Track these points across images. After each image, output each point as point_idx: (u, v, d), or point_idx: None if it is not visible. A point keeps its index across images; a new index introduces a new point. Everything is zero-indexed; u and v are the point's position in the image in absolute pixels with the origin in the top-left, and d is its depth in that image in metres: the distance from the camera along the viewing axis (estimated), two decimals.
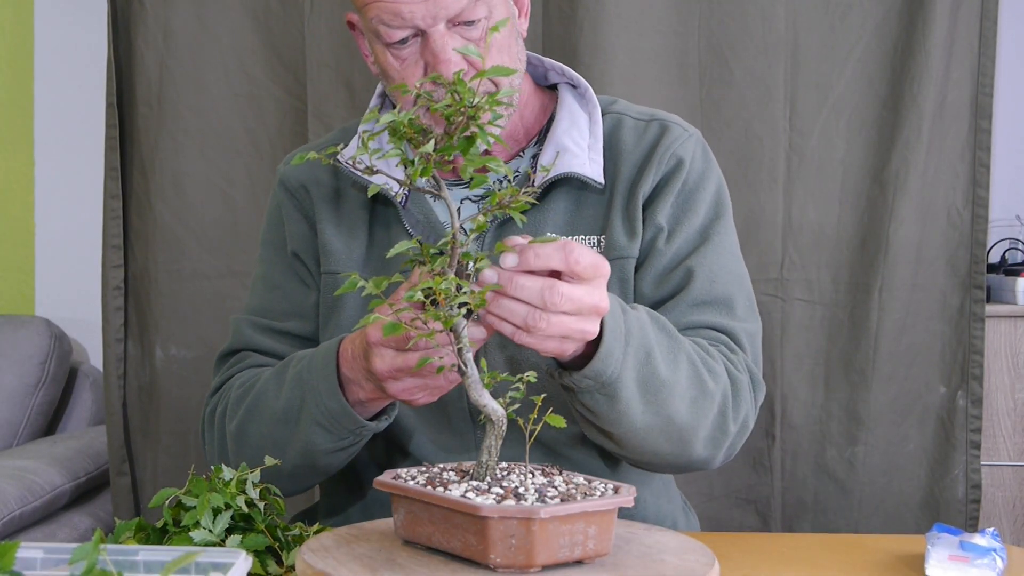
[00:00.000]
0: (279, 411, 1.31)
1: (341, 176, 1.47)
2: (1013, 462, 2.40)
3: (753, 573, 1.16)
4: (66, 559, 0.86)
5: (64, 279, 2.95)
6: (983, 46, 2.26)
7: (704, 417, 1.28)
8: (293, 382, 1.30)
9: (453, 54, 1.30)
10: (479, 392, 1.02)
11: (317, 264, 1.46)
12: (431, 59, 1.31)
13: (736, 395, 1.32)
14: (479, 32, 1.32)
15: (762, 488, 2.31)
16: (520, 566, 0.95)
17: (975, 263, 2.28)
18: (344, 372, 1.25)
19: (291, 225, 1.49)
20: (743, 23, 2.27)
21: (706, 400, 1.28)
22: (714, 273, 1.39)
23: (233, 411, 1.39)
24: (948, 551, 1.13)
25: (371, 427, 1.28)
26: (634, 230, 1.38)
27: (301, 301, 1.47)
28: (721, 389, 1.30)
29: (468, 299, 1.00)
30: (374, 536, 1.07)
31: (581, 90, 1.47)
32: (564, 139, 1.40)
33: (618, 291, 1.37)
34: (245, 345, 1.47)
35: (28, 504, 2.22)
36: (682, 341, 1.27)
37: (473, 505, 0.94)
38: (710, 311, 1.37)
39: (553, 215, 1.39)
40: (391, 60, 1.34)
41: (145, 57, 2.37)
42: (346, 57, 2.32)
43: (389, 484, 1.02)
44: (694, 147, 1.44)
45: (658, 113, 1.47)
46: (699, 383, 1.27)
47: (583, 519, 0.96)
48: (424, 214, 1.42)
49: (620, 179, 1.41)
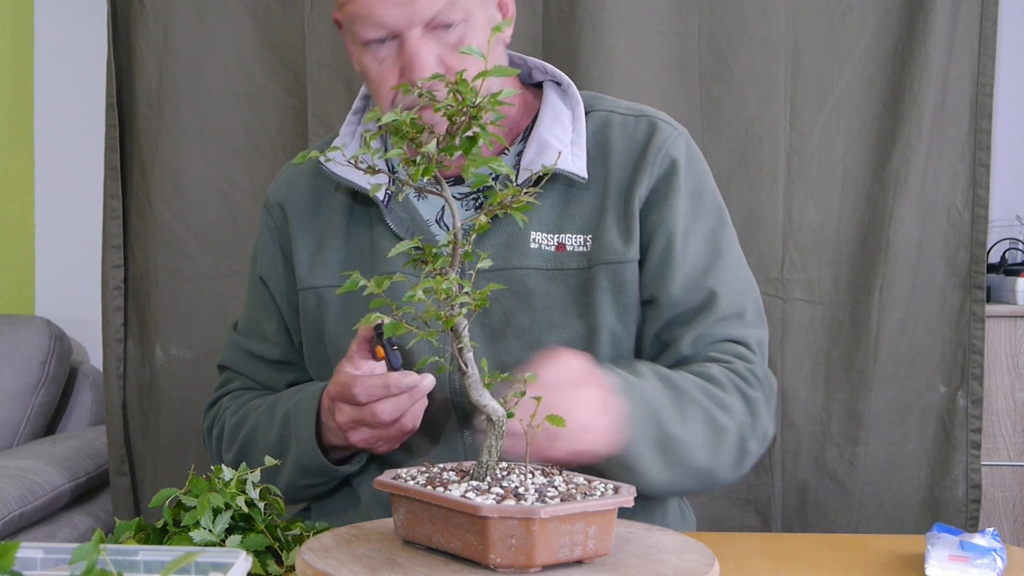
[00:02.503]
0: (271, 446, 1.39)
1: (322, 184, 1.48)
2: (1013, 462, 2.40)
3: (753, 573, 1.16)
4: (66, 559, 0.86)
5: (64, 279, 2.94)
6: (983, 46, 2.26)
7: (724, 453, 1.32)
8: (282, 421, 1.40)
9: (427, 58, 1.31)
10: (479, 392, 1.02)
11: (285, 289, 1.49)
12: (406, 63, 1.32)
13: (754, 416, 1.35)
14: (456, 37, 1.32)
15: (762, 488, 2.31)
16: (520, 566, 0.95)
17: (975, 263, 2.28)
18: (323, 419, 1.35)
19: (263, 250, 1.53)
20: (743, 23, 2.27)
21: (723, 438, 1.31)
22: (731, 288, 1.41)
23: (230, 442, 1.48)
24: (948, 551, 1.13)
25: (343, 471, 1.38)
26: (630, 233, 1.38)
27: (266, 325, 1.54)
28: (736, 420, 1.33)
29: (468, 299, 1.00)
30: (374, 536, 1.07)
31: (564, 87, 1.46)
32: (546, 135, 1.40)
33: (610, 295, 1.37)
34: (231, 365, 1.57)
35: (28, 504, 2.22)
36: (689, 391, 1.30)
37: (473, 505, 0.94)
38: (727, 324, 1.39)
39: (539, 212, 1.39)
40: (369, 60, 1.35)
41: (145, 57, 2.36)
42: (346, 57, 2.31)
43: (389, 484, 1.02)
44: (685, 147, 1.44)
45: (645, 109, 1.47)
46: (713, 426, 1.30)
47: (583, 519, 0.96)
48: (408, 212, 1.42)
49: (611, 179, 1.40)
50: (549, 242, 1.38)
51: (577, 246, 1.38)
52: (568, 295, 1.37)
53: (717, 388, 1.33)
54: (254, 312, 1.55)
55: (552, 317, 1.37)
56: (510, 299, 1.37)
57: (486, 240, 1.38)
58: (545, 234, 1.38)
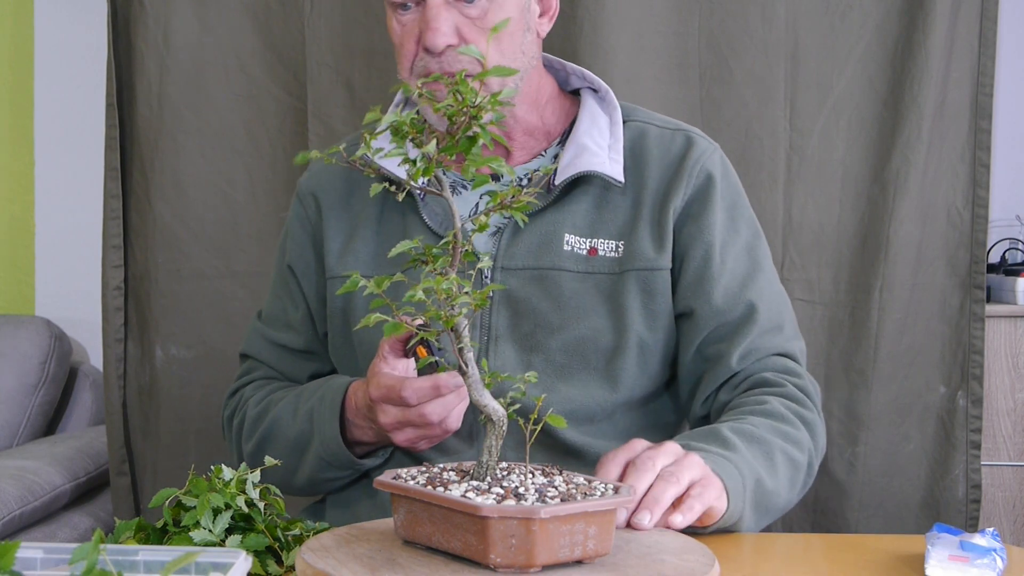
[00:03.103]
0: (291, 441, 1.41)
1: (356, 173, 1.49)
2: (1013, 462, 2.40)
3: (753, 573, 1.16)
4: (66, 559, 0.86)
5: (64, 279, 2.94)
6: (983, 46, 2.26)
7: (800, 484, 1.35)
8: (305, 416, 1.41)
9: (443, 25, 1.32)
10: (480, 392, 1.02)
11: (314, 278, 1.49)
12: (423, 27, 1.33)
13: (815, 439, 1.38)
14: (477, 11, 1.34)
15: None
16: (520, 566, 0.95)
17: (975, 263, 2.28)
18: (349, 416, 1.36)
19: (293, 239, 1.53)
20: (743, 23, 2.27)
21: (799, 473, 1.35)
22: (770, 301, 1.43)
23: (250, 432, 1.48)
24: (948, 551, 1.13)
25: (367, 464, 1.40)
26: (663, 242, 1.40)
27: (291, 315, 1.54)
28: (807, 452, 1.36)
29: (469, 299, 1.00)
30: (374, 536, 1.07)
31: (602, 93, 1.49)
32: (584, 139, 1.42)
33: (639, 301, 1.38)
34: (254, 353, 1.58)
35: (28, 504, 2.22)
36: (769, 440, 1.31)
37: (473, 505, 0.94)
38: (771, 336, 1.41)
39: (573, 215, 1.40)
40: (394, 24, 1.38)
41: (145, 57, 2.36)
42: (346, 57, 2.32)
43: (389, 484, 1.02)
44: (720, 162, 1.46)
45: (680, 124, 1.51)
46: (793, 465, 1.33)
47: (583, 519, 0.96)
48: (442, 206, 1.43)
49: (647, 188, 1.42)
50: (582, 245, 1.40)
51: (609, 251, 1.40)
52: (598, 298, 1.39)
53: (787, 425, 1.35)
54: (279, 301, 1.56)
55: (581, 319, 1.38)
56: (540, 299, 1.38)
57: (520, 240, 1.39)
58: (578, 237, 1.40)
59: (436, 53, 1.34)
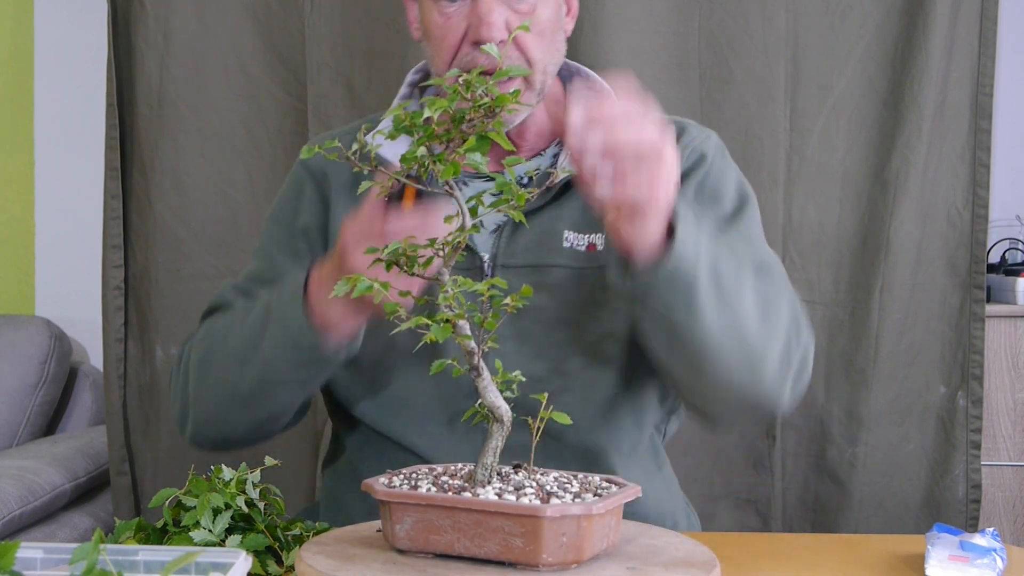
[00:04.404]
0: (245, 336, 1.33)
1: None
2: (1013, 462, 2.40)
3: (753, 573, 1.16)
4: (66, 559, 0.86)
5: (64, 279, 2.94)
6: (983, 46, 2.26)
7: (772, 339, 1.27)
8: (259, 310, 1.33)
9: (497, 19, 1.31)
10: (494, 394, 1.02)
11: (324, 246, 1.46)
12: (476, 21, 1.32)
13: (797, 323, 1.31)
14: (528, 5, 1.34)
15: (762, 488, 2.31)
16: (569, 562, 0.96)
17: (975, 263, 2.28)
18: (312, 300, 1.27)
19: (308, 202, 1.47)
20: (743, 23, 2.27)
21: (772, 319, 1.27)
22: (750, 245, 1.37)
23: (199, 344, 1.41)
24: (948, 551, 1.13)
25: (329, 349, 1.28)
26: None
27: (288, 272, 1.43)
28: (788, 309, 1.30)
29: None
30: (374, 536, 1.07)
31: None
32: None
33: None
34: (224, 304, 1.47)
35: (28, 504, 2.22)
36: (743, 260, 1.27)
37: (533, 507, 0.94)
38: None
39: (572, 212, 1.40)
40: (436, 17, 1.36)
41: (145, 57, 2.36)
42: (346, 57, 2.32)
43: (401, 494, 0.99)
44: (715, 145, 1.45)
45: (677, 118, 1.49)
46: (764, 300, 1.27)
47: (615, 513, 1.01)
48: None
49: None
50: (580, 242, 1.40)
51: None
52: (597, 295, 1.39)
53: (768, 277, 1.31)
54: (272, 260, 1.47)
55: (579, 315, 1.38)
56: (539, 295, 1.38)
57: (520, 237, 1.39)
58: (577, 234, 1.40)
59: None
